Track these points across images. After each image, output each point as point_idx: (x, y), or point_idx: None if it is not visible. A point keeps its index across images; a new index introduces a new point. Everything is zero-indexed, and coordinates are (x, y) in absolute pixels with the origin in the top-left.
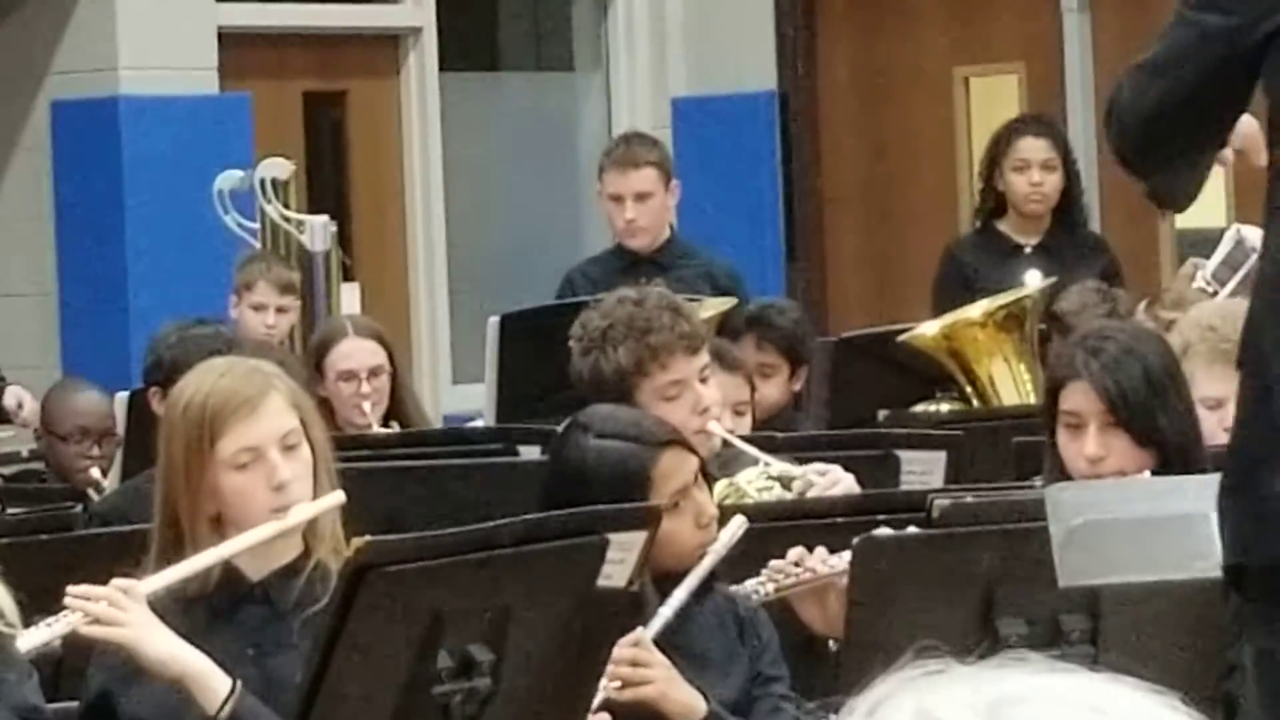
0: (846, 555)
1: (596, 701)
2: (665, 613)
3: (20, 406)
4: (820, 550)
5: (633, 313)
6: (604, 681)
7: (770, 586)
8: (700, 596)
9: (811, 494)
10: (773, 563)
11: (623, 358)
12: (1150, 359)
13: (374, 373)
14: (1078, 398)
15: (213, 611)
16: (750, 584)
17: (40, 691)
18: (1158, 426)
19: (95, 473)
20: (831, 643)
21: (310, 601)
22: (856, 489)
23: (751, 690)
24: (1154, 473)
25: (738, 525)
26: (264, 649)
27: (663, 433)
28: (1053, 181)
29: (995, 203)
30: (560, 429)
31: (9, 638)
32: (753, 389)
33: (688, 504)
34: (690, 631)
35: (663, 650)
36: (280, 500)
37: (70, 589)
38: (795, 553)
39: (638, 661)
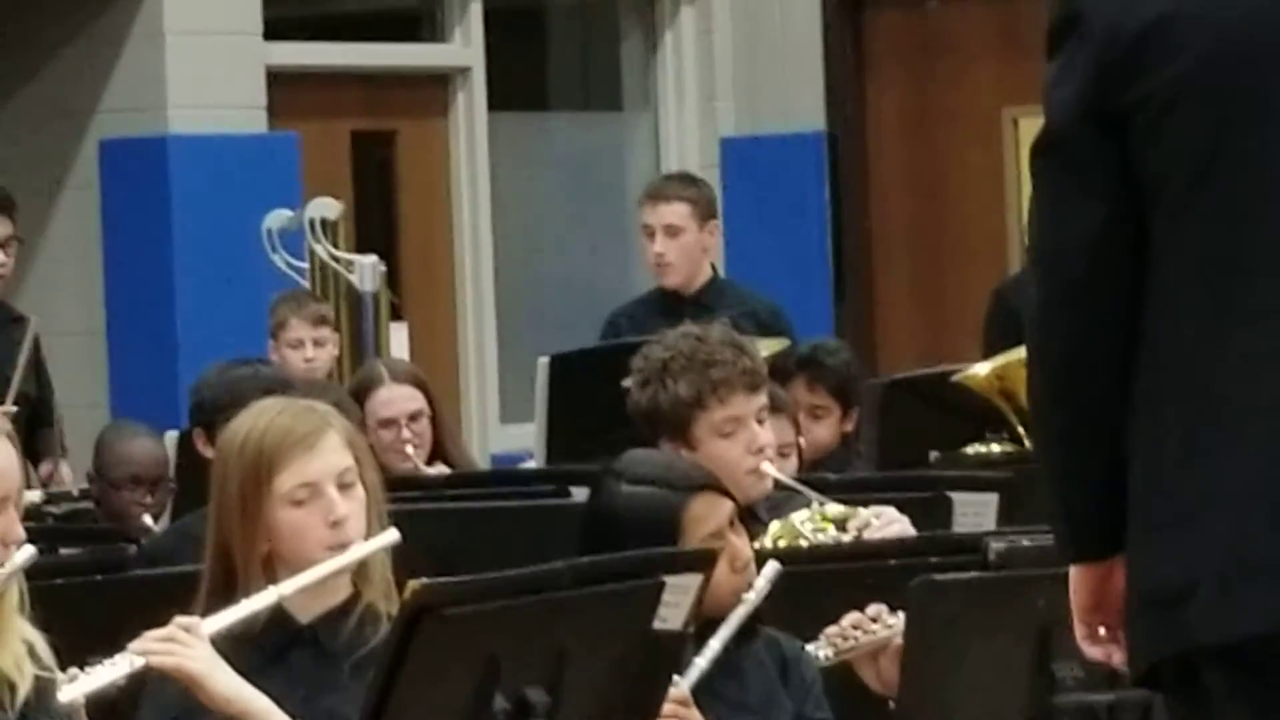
0: (903, 616)
1: None
2: (701, 663)
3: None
4: (880, 608)
5: (695, 346)
6: None
7: (829, 650)
8: (741, 641)
9: (867, 535)
10: (830, 628)
11: (683, 390)
12: None
13: (414, 417)
14: None
15: (262, 653)
16: (810, 648)
17: None
18: None
19: (148, 519)
20: (891, 703)
21: (360, 644)
22: (911, 531)
23: None
24: None
25: (773, 571)
26: (314, 691)
27: (696, 477)
28: None
29: None
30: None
31: (49, 682)
32: (798, 431)
33: (723, 548)
34: (730, 677)
35: (703, 698)
36: (337, 537)
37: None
38: (852, 617)
39: (678, 717)
